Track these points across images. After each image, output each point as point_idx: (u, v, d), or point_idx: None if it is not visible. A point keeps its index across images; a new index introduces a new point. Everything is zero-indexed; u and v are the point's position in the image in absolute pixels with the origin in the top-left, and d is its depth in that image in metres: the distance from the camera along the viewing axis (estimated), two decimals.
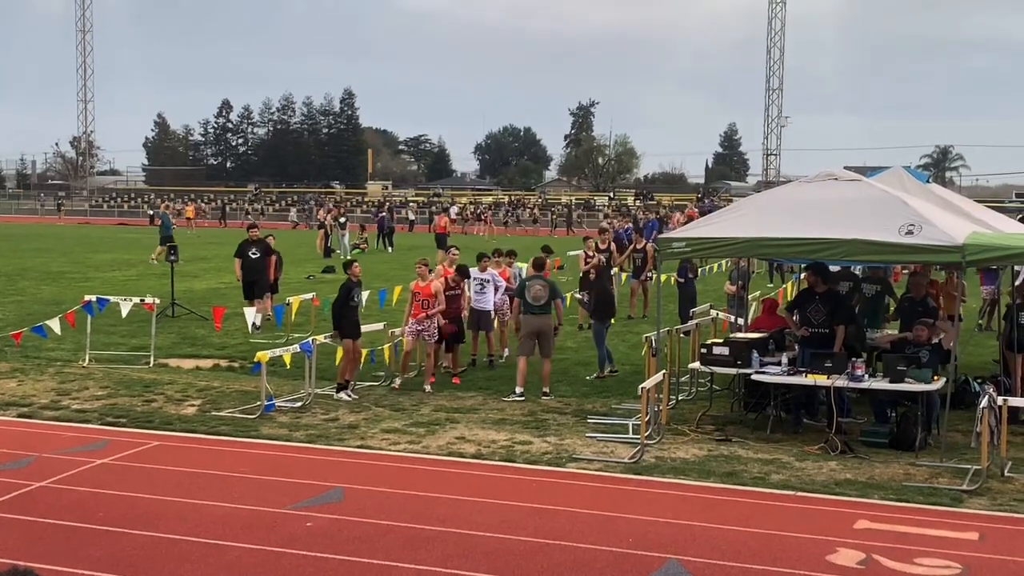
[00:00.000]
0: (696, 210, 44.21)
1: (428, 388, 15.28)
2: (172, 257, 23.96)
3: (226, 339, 19.29)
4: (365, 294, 16.50)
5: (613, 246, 23.79)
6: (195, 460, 11.49)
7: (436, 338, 15.67)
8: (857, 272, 16.41)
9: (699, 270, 30.58)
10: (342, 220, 44.89)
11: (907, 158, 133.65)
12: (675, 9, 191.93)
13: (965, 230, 12.17)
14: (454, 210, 75.30)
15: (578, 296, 20.32)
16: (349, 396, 14.58)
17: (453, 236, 60.09)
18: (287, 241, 36.80)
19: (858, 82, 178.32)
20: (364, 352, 15.09)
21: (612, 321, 17.03)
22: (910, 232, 11.78)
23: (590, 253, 22.29)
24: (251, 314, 18.98)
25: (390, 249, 47.62)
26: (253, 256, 21.02)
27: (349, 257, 40.95)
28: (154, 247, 37.61)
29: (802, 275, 15.66)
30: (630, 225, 36.25)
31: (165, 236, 37.25)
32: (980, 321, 20.86)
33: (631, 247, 25.12)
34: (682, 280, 21.93)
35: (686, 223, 26.83)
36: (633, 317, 23.15)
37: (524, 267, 19.34)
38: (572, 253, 32.57)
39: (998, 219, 14.93)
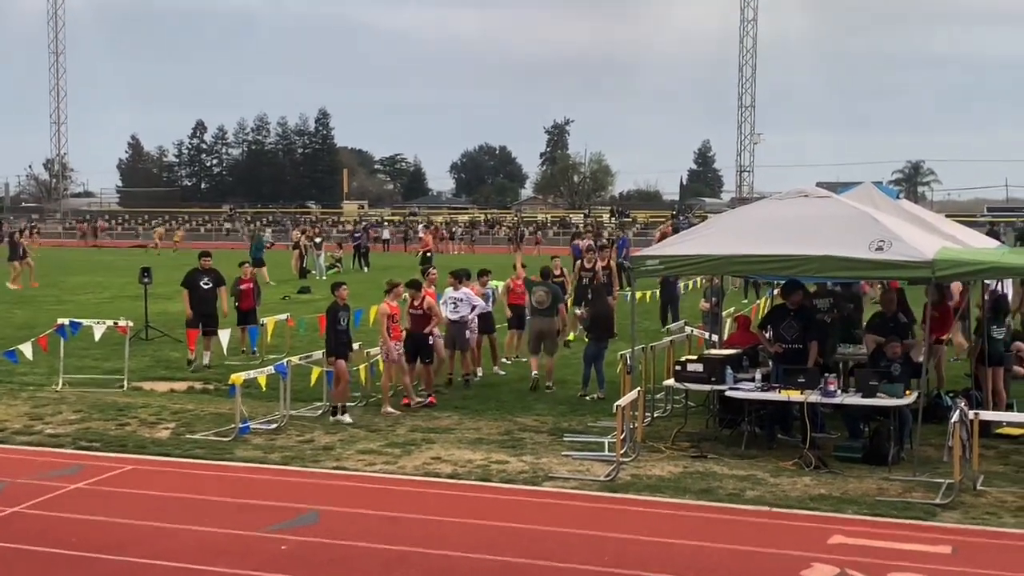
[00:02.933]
0: (671, 227, 44.27)
1: (389, 409, 15.26)
2: (145, 279, 23.83)
3: (201, 360, 19.16)
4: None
5: (599, 265, 23.57)
6: (169, 484, 11.42)
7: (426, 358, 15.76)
8: (838, 288, 16.48)
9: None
10: (318, 240, 44.80)
11: (879, 174, 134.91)
12: (648, 28, 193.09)
13: (935, 245, 12.29)
14: (420, 228, 75.01)
15: (577, 312, 20.41)
16: (350, 418, 14.53)
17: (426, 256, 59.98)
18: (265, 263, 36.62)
19: (829, 99, 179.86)
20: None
21: (607, 343, 16.84)
22: (880, 248, 11.89)
23: (557, 272, 22.19)
24: (225, 337, 18.86)
25: (366, 269, 47.55)
26: (205, 287, 19.38)
27: (324, 277, 40.93)
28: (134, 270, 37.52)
29: (775, 291, 15.74)
30: (587, 242, 36.30)
31: (256, 259, 37.08)
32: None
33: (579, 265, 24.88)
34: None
35: (660, 240, 26.95)
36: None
37: (499, 285, 19.38)
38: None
39: (968, 234, 15.08)
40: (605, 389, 16.36)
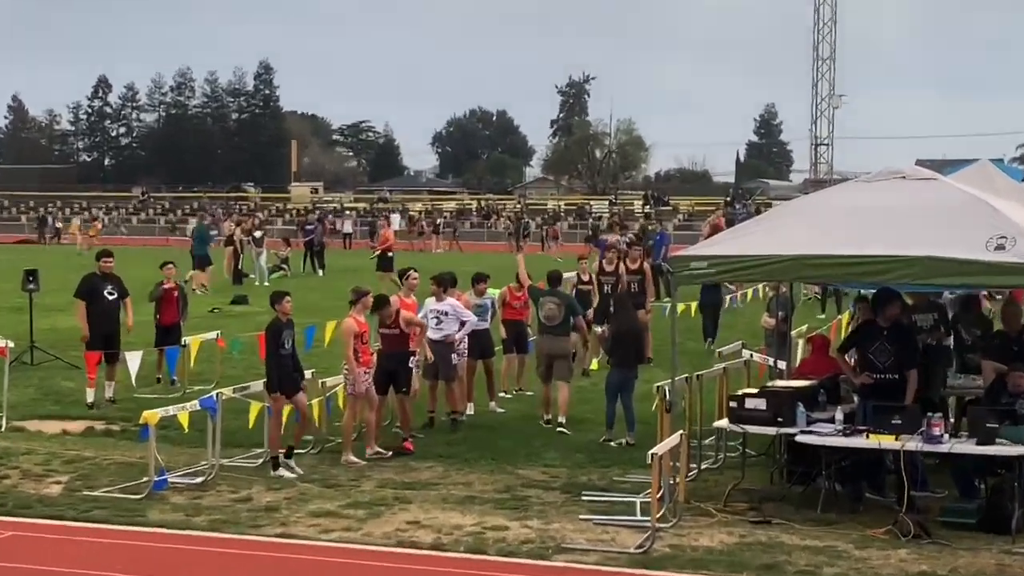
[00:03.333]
0: (723, 218, 44.31)
1: (368, 453, 15.26)
2: (31, 285, 23.79)
3: (102, 393, 19.16)
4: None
5: (628, 267, 23.69)
6: (61, 555, 11.39)
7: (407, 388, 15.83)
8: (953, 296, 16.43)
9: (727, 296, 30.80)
10: (257, 235, 44.83)
11: (998, 148, 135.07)
12: None
13: None
14: (396, 219, 75.15)
15: (598, 330, 20.43)
16: (293, 471, 14.52)
17: (399, 255, 60.04)
18: (186, 264, 36.71)
19: (934, 50, 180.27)
20: (286, 409, 15.04)
21: (636, 370, 16.85)
22: (1001, 247, 11.85)
23: (585, 277, 22.35)
24: (134, 362, 18.83)
25: (320, 272, 47.62)
26: (109, 297, 19.25)
27: (267, 283, 40.94)
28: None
29: (862, 304, 15.75)
30: (606, 237, 36.41)
31: (200, 255, 38.61)
32: None
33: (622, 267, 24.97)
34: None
35: (710, 235, 26.98)
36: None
37: (497, 294, 19.38)
38: (567, 275, 32.60)
39: None
40: (636, 432, 16.33)
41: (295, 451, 14.97)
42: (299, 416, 15.08)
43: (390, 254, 38.68)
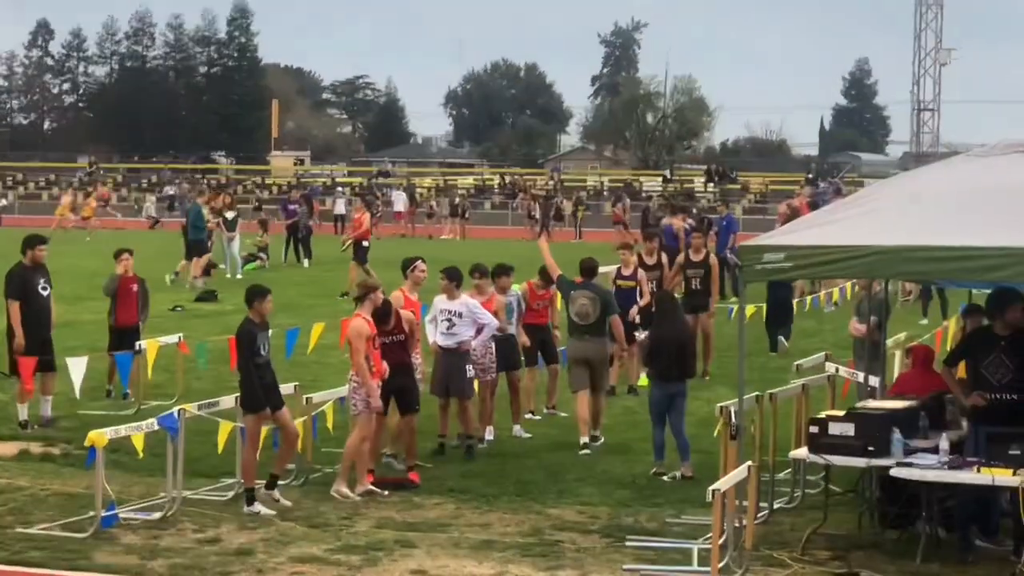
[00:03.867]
0: (806, 198, 44.02)
1: (358, 490, 15.31)
2: None
3: (39, 409, 19.24)
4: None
5: (664, 258, 23.78)
6: None
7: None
8: None
9: (804, 294, 30.80)
10: (230, 216, 44.91)
11: None
12: None
13: None
14: (401, 197, 75.00)
15: (639, 336, 20.47)
16: (276, 505, 14.57)
17: (404, 242, 60.22)
18: (143, 250, 36.77)
19: None
20: (264, 431, 15.09)
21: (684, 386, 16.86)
22: None
23: (627, 271, 22.28)
24: (78, 370, 18.89)
25: (306, 262, 47.71)
26: (44, 293, 19.28)
27: (240, 275, 41.03)
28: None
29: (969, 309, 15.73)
30: (683, 221, 36.27)
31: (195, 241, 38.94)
32: None
33: (682, 258, 25.01)
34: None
35: (789, 219, 26.91)
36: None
37: (520, 291, 19.38)
38: (603, 270, 32.59)
39: None
40: (692, 463, 16.36)
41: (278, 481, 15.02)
42: (277, 439, 15.09)
43: (365, 243, 38.27)
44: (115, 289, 20.96)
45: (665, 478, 16.23)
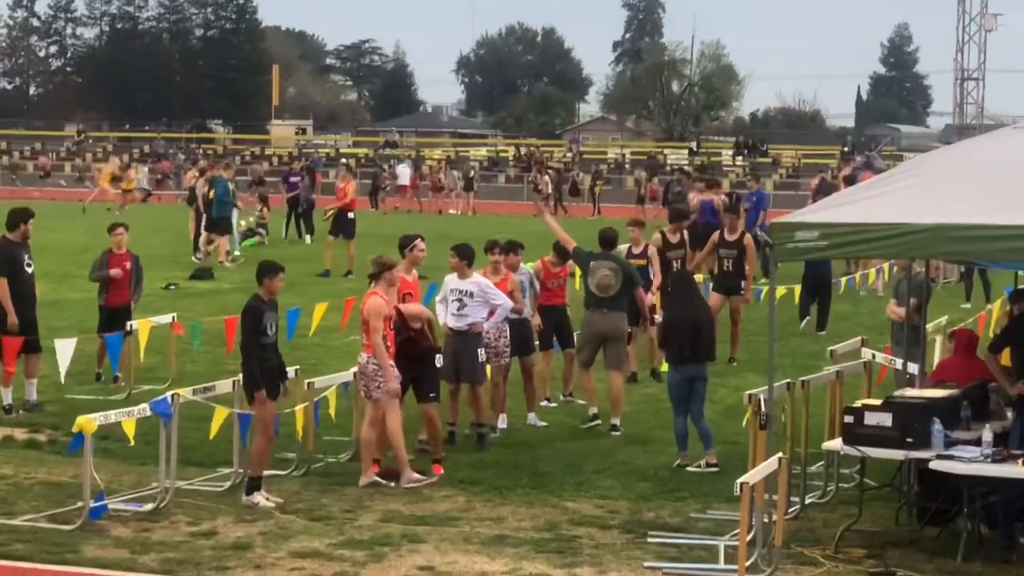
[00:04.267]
0: (843, 174, 43.85)
1: (362, 482, 15.35)
2: None
3: (24, 393, 19.29)
4: None
5: (686, 237, 23.70)
6: None
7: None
8: None
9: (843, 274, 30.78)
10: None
11: None
12: None
13: None
14: (404, 170, 74.80)
15: (658, 319, 20.56)
16: (264, 501, 14.56)
17: (410, 217, 60.17)
18: (136, 225, 36.76)
19: None
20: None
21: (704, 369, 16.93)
22: None
23: (637, 249, 22.14)
24: (66, 352, 18.90)
25: (308, 238, 47.69)
26: (28, 270, 19.10)
27: (238, 252, 41.00)
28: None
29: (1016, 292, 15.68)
30: (722, 197, 36.16)
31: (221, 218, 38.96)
32: None
33: (716, 237, 24.99)
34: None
35: (819, 194, 26.87)
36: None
37: (532, 269, 19.37)
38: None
39: None
40: (715, 451, 16.43)
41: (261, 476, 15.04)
42: (247, 425, 15.05)
43: (351, 215, 38.01)
44: (105, 268, 20.78)
45: (691, 468, 16.25)
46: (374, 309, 15.38)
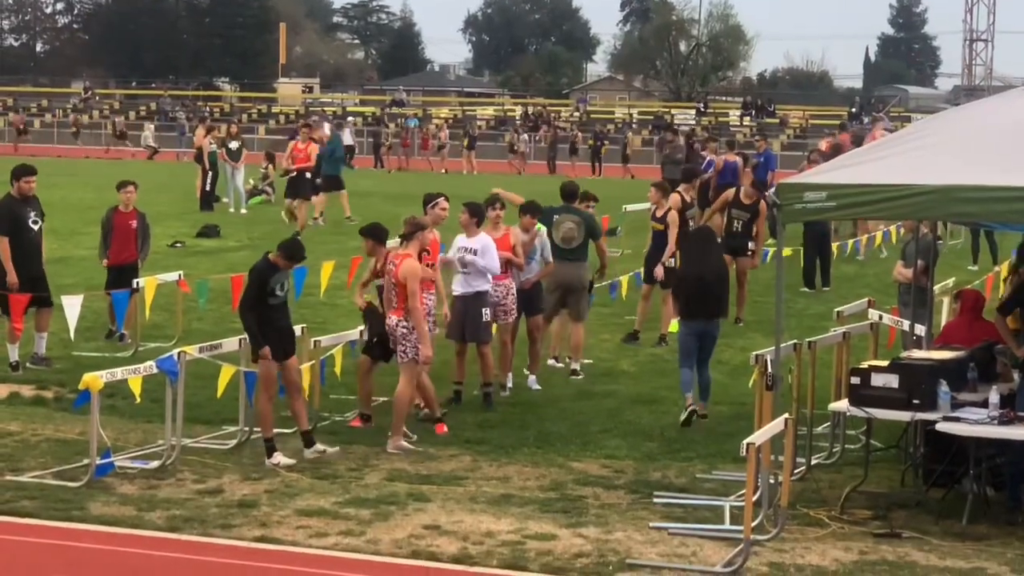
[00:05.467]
0: (847, 134, 43.85)
1: (400, 444, 15.36)
2: None
3: (32, 349, 19.33)
4: None
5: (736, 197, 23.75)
6: None
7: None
8: None
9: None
10: (233, 146, 44.87)
11: None
12: None
13: None
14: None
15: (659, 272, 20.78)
16: (285, 460, 14.58)
17: (410, 176, 60.13)
18: (143, 182, 36.74)
19: None
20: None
21: (717, 322, 17.13)
22: None
23: (660, 212, 22.19)
24: (73, 309, 18.95)
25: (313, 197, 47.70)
26: (34, 227, 19.09)
27: (244, 210, 41.00)
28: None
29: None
30: (736, 159, 36.08)
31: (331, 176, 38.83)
32: None
33: (729, 194, 24.98)
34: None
35: (829, 157, 26.83)
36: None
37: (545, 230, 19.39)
38: (632, 207, 32.56)
39: None
40: (708, 403, 16.65)
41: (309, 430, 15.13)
42: (253, 383, 15.09)
43: (308, 175, 37.74)
44: (110, 224, 20.77)
45: (687, 413, 16.47)
46: (411, 271, 15.34)
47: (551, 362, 19.49)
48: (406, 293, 15.31)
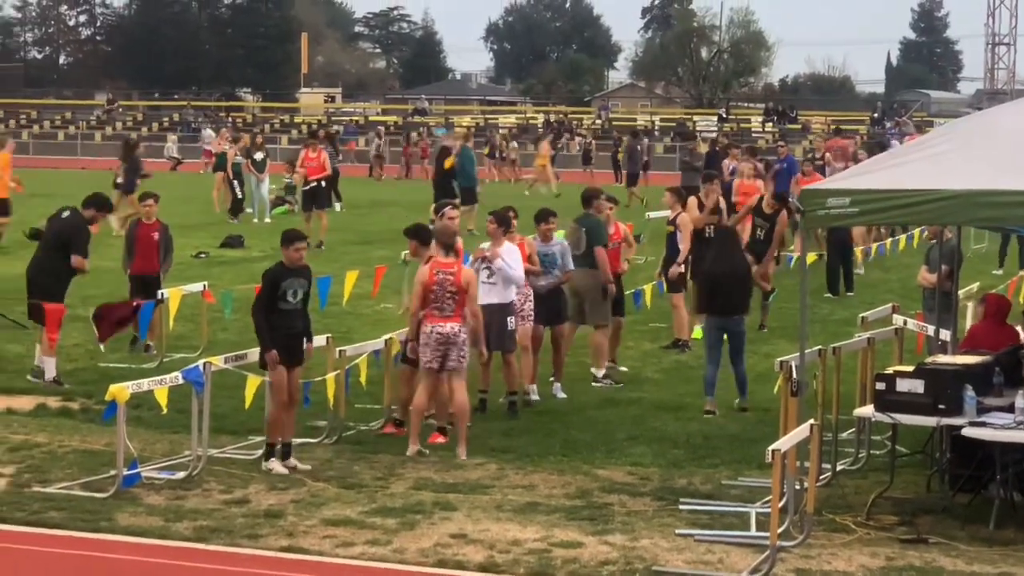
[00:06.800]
0: (844, 141, 43.87)
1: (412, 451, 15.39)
2: None
3: (61, 362, 19.34)
4: None
5: (722, 202, 23.72)
6: (5, 569, 11.52)
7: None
8: None
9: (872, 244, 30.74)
10: (258, 156, 44.91)
11: None
12: None
13: None
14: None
15: (677, 270, 20.89)
16: (279, 467, 14.61)
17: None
18: (166, 193, 36.82)
19: None
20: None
21: (737, 319, 17.42)
22: None
23: (672, 216, 22.14)
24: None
25: (338, 206, 47.72)
26: (65, 217, 19.12)
27: (268, 220, 41.11)
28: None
29: None
30: (759, 163, 36.01)
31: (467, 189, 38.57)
32: None
33: (752, 202, 25.00)
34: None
35: (843, 164, 26.85)
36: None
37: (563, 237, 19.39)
38: (655, 215, 32.52)
39: None
40: (746, 398, 17.01)
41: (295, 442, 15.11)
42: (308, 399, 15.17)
43: (323, 184, 37.47)
44: (133, 237, 20.81)
45: (713, 415, 16.87)
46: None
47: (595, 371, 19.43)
48: (466, 299, 15.55)
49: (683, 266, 21.25)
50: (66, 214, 19.08)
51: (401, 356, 16.54)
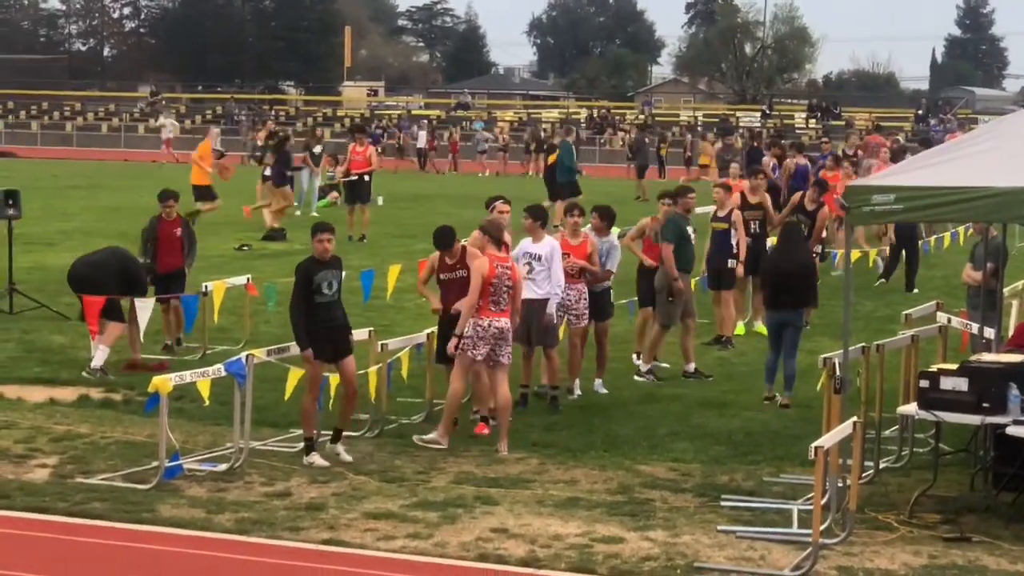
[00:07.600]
0: (883, 138, 43.65)
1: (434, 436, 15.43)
2: (10, 210, 23.95)
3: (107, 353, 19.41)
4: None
5: (767, 200, 23.69)
6: (47, 561, 11.56)
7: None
8: None
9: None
10: (317, 150, 44.90)
11: None
12: None
13: None
14: (422, 134, 74.43)
15: (732, 265, 20.96)
16: (319, 460, 14.64)
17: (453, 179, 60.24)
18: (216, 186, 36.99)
19: None
20: (333, 380, 15.10)
21: (798, 313, 17.74)
22: None
23: (722, 212, 22.13)
24: (145, 310, 19.01)
25: (379, 199, 47.79)
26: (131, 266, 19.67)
27: (315, 213, 41.11)
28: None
29: None
30: (806, 162, 35.87)
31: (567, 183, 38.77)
32: None
33: (797, 198, 24.96)
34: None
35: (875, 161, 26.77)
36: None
37: (617, 233, 19.38)
38: (701, 211, 32.42)
39: None
40: (791, 393, 17.16)
41: (344, 434, 15.15)
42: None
43: (366, 177, 37.35)
44: (153, 235, 20.76)
45: (775, 400, 17.30)
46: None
47: (638, 363, 19.57)
48: (516, 294, 15.79)
49: (733, 261, 21.31)
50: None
51: (437, 355, 16.55)
